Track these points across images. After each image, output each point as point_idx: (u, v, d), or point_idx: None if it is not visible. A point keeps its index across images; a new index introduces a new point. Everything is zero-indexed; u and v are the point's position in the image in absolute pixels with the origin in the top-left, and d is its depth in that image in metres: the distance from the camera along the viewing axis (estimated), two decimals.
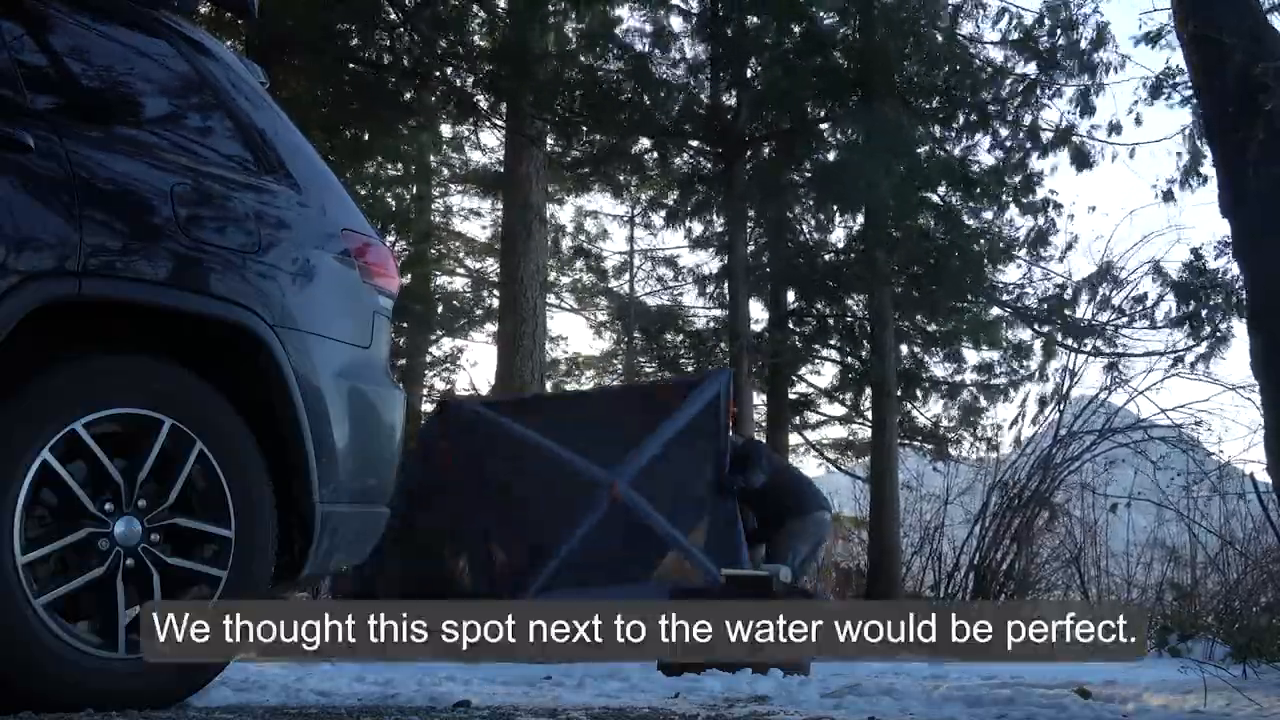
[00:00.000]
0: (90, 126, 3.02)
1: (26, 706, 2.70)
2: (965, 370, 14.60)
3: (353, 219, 3.57)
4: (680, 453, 7.81)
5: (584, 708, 3.39)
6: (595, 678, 5.19)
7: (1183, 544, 11.09)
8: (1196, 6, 5.13)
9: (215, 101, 3.38)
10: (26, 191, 2.76)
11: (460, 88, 12.33)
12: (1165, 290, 12.33)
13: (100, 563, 2.81)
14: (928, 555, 12.20)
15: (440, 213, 17.28)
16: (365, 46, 11.93)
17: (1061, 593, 11.35)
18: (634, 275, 18.32)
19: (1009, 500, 11.31)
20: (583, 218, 17.73)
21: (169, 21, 3.43)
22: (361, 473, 3.35)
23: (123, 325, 2.97)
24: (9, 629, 2.64)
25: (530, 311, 11.85)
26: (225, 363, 3.11)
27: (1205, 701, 3.78)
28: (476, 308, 17.59)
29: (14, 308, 2.68)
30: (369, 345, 3.44)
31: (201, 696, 3.22)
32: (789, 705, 3.77)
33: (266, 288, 3.13)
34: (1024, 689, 4.42)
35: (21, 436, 2.72)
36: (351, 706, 3.35)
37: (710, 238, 15.06)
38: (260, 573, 3.08)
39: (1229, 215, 5.02)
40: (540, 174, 12.42)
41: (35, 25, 3.07)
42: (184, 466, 2.96)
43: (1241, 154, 4.82)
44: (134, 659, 2.82)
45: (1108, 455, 11.54)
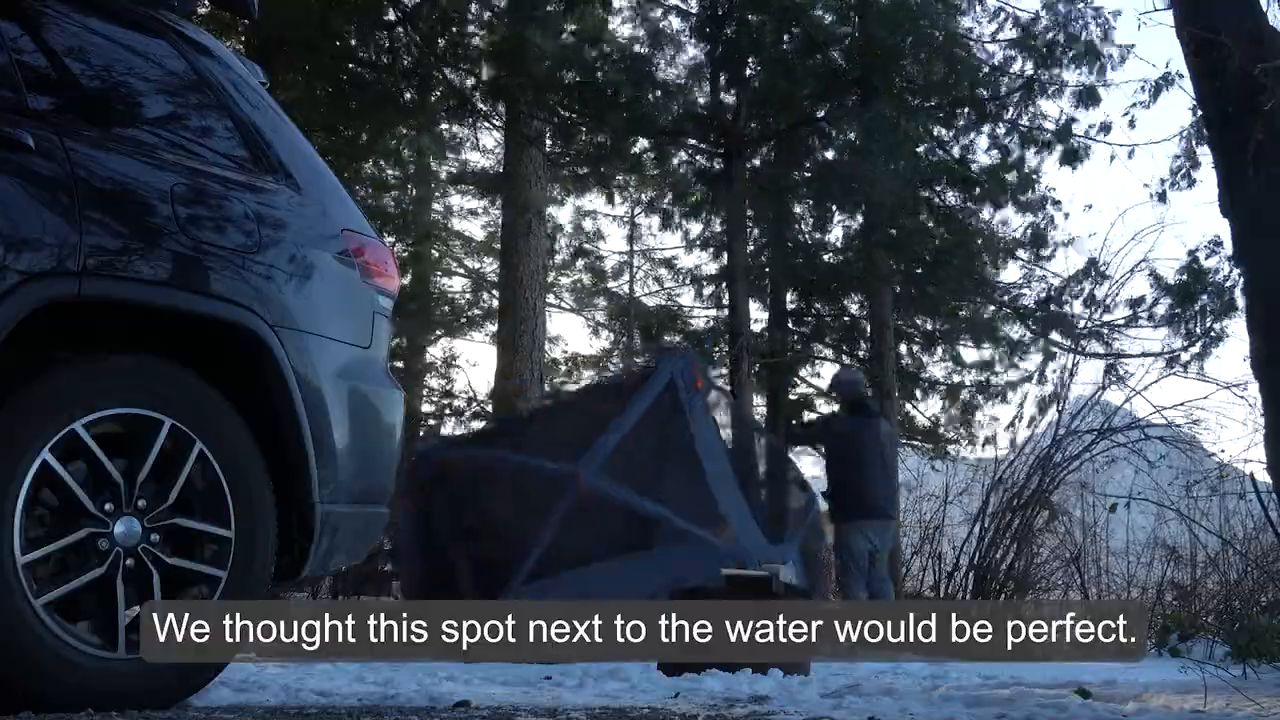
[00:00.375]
0: (90, 126, 3.02)
1: (26, 706, 2.70)
2: (964, 370, 14.62)
3: (352, 219, 3.57)
4: (647, 436, 8.02)
5: (584, 708, 3.39)
6: (595, 678, 5.19)
7: (1183, 544, 11.10)
8: (1196, 7, 5.13)
9: (215, 101, 3.38)
10: (26, 191, 2.77)
11: (459, 88, 12.33)
12: (1160, 293, 12.34)
13: (100, 563, 2.81)
14: (928, 555, 12.20)
15: (439, 213, 17.28)
16: (364, 46, 11.93)
17: (1061, 593, 11.35)
18: (633, 275, 18.33)
19: (1009, 500, 11.32)
20: (581, 218, 17.74)
21: (169, 21, 3.44)
22: (361, 473, 3.35)
23: (123, 325, 2.97)
24: (9, 629, 2.64)
25: (530, 311, 11.85)
26: (225, 363, 3.11)
27: (1205, 702, 3.78)
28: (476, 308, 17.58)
29: (14, 308, 2.68)
30: (369, 345, 3.45)
31: (201, 696, 3.22)
32: (789, 705, 3.77)
33: (266, 287, 3.13)
34: (1024, 689, 4.42)
35: (22, 436, 2.72)
36: (351, 706, 3.35)
37: (710, 238, 15.06)
38: (260, 573, 3.08)
39: (1228, 215, 5.02)
40: (539, 174, 12.42)
41: (35, 25, 3.07)
42: (184, 467, 2.96)
43: (1241, 154, 4.82)
44: (134, 659, 2.82)
45: (1106, 455, 11.55)
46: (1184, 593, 10.69)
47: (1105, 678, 4.85)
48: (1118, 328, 12.76)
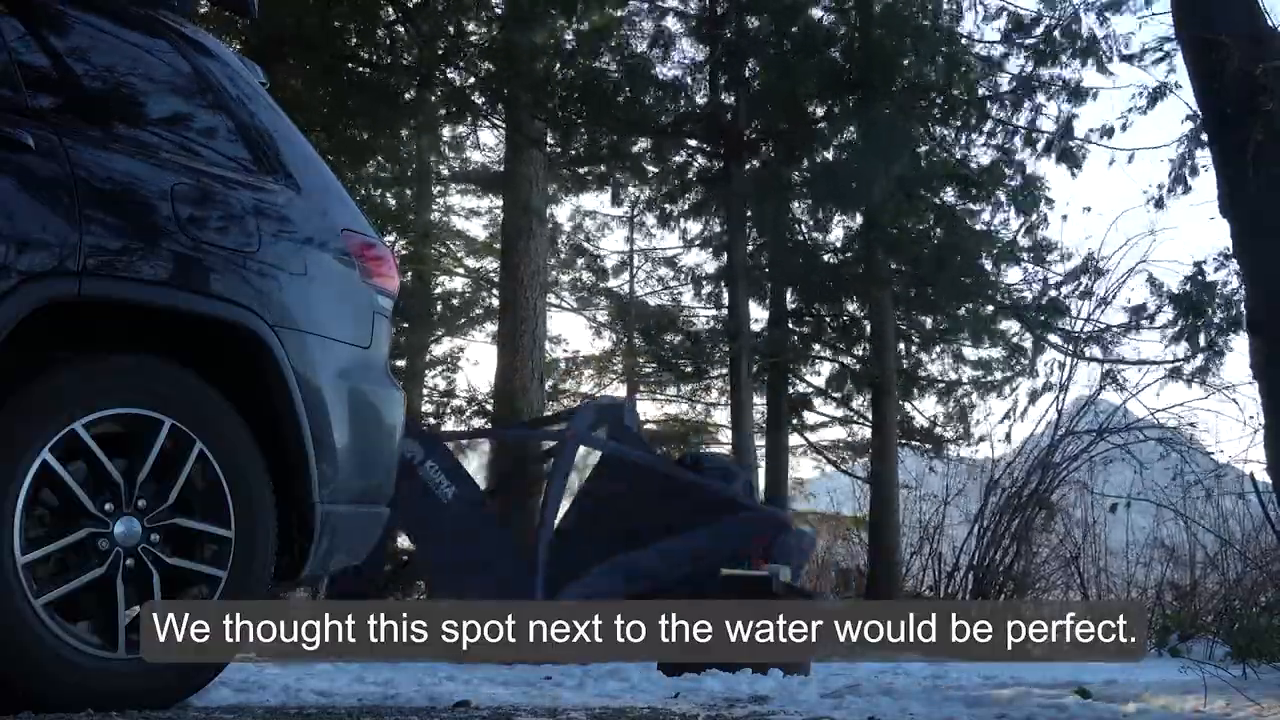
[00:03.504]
0: (90, 126, 3.02)
1: (26, 706, 2.70)
2: (962, 369, 14.62)
3: (353, 219, 3.57)
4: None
5: (584, 708, 3.39)
6: (595, 678, 5.20)
7: (1182, 544, 11.11)
8: (1196, 8, 5.13)
9: (215, 101, 3.38)
10: (26, 191, 2.76)
11: (460, 88, 12.32)
12: (1163, 301, 12.28)
13: (100, 563, 2.81)
14: (928, 555, 12.21)
15: (440, 212, 17.26)
16: (365, 46, 11.92)
17: (1061, 593, 11.36)
18: (633, 275, 18.32)
19: (1008, 500, 11.33)
20: (581, 217, 17.73)
21: (169, 21, 3.44)
22: (361, 473, 3.35)
23: (123, 325, 2.97)
24: (9, 629, 2.64)
25: (530, 311, 11.84)
26: (225, 363, 3.11)
27: (1205, 702, 3.77)
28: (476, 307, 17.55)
29: (14, 308, 2.68)
30: (369, 345, 3.44)
31: (201, 696, 3.22)
32: (789, 705, 3.77)
33: (266, 287, 3.13)
34: (1024, 689, 4.43)
35: (22, 436, 2.72)
36: (351, 706, 3.35)
37: (710, 238, 15.06)
38: (260, 573, 3.08)
39: (1228, 216, 5.02)
40: (540, 174, 12.41)
41: (35, 25, 3.07)
42: (184, 467, 2.96)
43: (1241, 154, 4.82)
44: (134, 659, 2.82)
45: (1105, 455, 11.56)
46: (1183, 593, 10.70)
47: (1105, 678, 4.85)
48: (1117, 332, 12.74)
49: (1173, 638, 7.76)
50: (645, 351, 16.99)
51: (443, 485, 8.29)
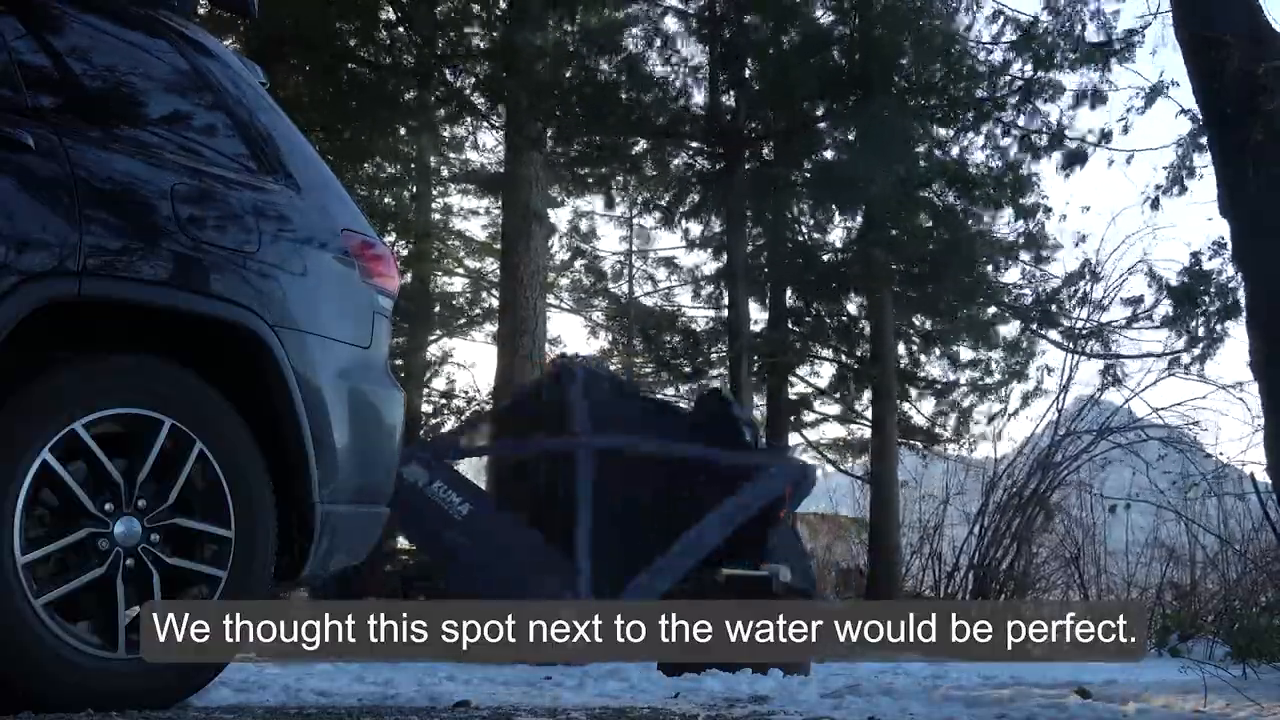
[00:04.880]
0: (90, 126, 3.01)
1: (26, 706, 2.69)
2: (961, 369, 14.62)
3: (352, 219, 3.56)
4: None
5: (584, 708, 3.38)
6: (595, 678, 5.20)
7: (1182, 544, 11.11)
8: (1196, 7, 5.14)
9: (215, 101, 3.37)
10: (26, 191, 2.76)
11: (459, 88, 12.33)
12: (1160, 294, 12.32)
13: (100, 563, 2.81)
14: (927, 555, 12.22)
15: (439, 212, 17.26)
16: (364, 46, 11.93)
17: (1061, 593, 11.37)
18: (632, 275, 18.31)
19: (1008, 500, 11.33)
20: (580, 218, 17.73)
21: (169, 21, 3.43)
22: (361, 472, 3.35)
23: (123, 325, 2.97)
24: (9, 629, 2.64)
25: (530, 311, 11.85)
26: (225, 363, 3.11)
27: (1205, 702, 3.78)
28: (476, 307, 17.55)
29: (14, 308, 2.67)
30: (369, 345, 3.44)
31: (201, 696, 3.22)
32: (789, 705, 3.77)
33: (266, 287, 3.13)
34: (1024, 689, 4.43)
35: (22, 436, 2.72)
36: (351, 706, 3.35)
37: (709, 238, 15.06)
38: (260, 573, 3.08)
39: (1228, 216, 5.02)
40: (539, 175, 12.42)
41: (35, 24, 3.07)
42: (184, 467, 2.96)
43: (1240, 154, 4.83)
44: (134, 659, 2.82)
45: (1105, 455, 11.57)
46: (1183, 593, 10.71)
47: (1105, 678, 4.85)
48: (1117, 328, 12.77)
49: (1173, 638, 7.76)
50: (644, 352, 16.99)
51: (454, 503, 8.22)
